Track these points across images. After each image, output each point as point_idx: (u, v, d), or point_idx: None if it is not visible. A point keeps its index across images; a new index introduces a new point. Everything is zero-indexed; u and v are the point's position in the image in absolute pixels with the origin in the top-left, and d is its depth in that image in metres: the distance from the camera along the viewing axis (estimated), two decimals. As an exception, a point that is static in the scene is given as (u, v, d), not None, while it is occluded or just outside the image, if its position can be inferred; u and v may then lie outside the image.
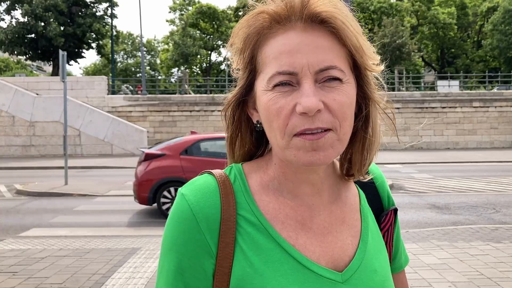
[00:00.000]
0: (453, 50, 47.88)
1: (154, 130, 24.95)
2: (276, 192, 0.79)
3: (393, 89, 29.09)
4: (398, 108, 25.23)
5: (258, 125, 0.79)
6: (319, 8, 0.70)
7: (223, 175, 0.78)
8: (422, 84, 33.67)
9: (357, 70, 0.75)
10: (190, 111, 25.35)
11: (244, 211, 0.76)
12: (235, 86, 0.80)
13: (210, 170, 0.80)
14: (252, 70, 0.76)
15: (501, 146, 25.16)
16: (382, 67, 0.78)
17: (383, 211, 0.88)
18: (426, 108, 25.43)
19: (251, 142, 0.83)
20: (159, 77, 50.05)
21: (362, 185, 0.87)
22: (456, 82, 29.53)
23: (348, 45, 0.72)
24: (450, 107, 25.41)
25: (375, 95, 0.78)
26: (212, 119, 25.33)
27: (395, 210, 0.88)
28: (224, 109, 0.81)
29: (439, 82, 29.01)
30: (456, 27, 45.29)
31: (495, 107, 25.39)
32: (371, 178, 0.88)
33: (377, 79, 0.80)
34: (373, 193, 0.88)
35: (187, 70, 42.06)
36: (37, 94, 23.31)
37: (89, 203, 9.81)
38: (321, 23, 0.71)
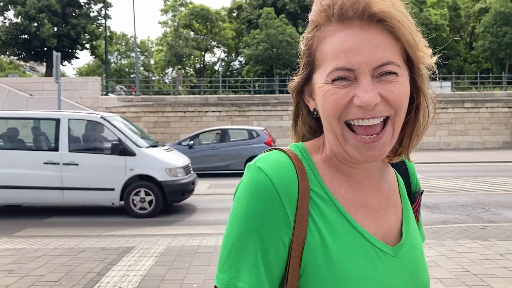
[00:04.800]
0: (445, 51, 48.22)
1: (148, 131, 24.95)
2: (334, 169, 0.84)
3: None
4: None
5: (315, 113, 0.85)
6: (377, 7, 0.74)
7: (292, 152, 0.83)
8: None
9: (410, 63, 0.80)
10: (184, 111, 25.40)
11: (314, 186, 0.81)
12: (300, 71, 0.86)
13: (279, 147, 0.85)
14: (311, 63, 0.81)
15: (493, 146, 25.42)
16: (434, 59, 0.83)
17: (410, 194, 0.95)
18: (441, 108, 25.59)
19: (312, 122, 0.89)
20: (153, 78, 50.03)
21: (396, 168, 0.94)
22: (448, 83, 29.79)
23: (403, 41, 0.76)
24: (442, 108, 25.60)
25: (426, 86, 0.82)
26: (206, 119, 25.41)
27: (421, 193, 0.96)
28: (291, 91, 0.88)
29: (431, 83, 29.21)
30: (448, 28, 45.63)
31: (487, 108, 25.65)
32: (404, 163, 0.95)
33: (428, 69, 0.84)
34: (404, 176, 0.95)
35: (181, 71, 42.06)
36: (31, 95, 23.28)
37: (83, 203, 9.85)
38: (379, 21, 0.75)
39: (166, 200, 8.21)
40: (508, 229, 6.56)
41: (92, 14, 37.13)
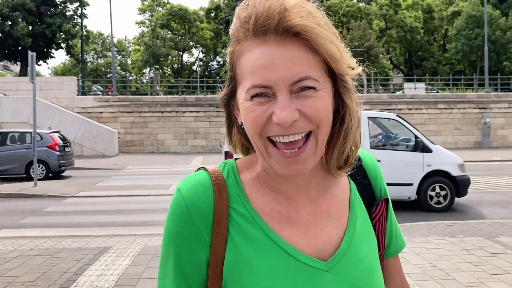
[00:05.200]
0: (420, 53, 49.17)
1: (125, 131, 24.81)
2: (264, 186, 0.83)
3: (362, 91, 29.73)
4: (366, 109, 25.84)
5: (242, 127, 0.82)
6: (291, 21, 0.72)
7: (216, 171, 0.84)
8: (392, 87, 34.57)
9: (333, 74, 0.77)
10: (162, 112, 25.31)
11: (236, 204, 0.81)
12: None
13: (205, 166, 0.86)
14: (233, 78, 0.80)
15: (464, 146, 26.10)
16: (358, 70, 0.79)
17: (375, 200, 0.90)
18: (393, 109, 26.09)
19: (241, 136, 0.87)
20: (130, 78, 49.59)
21: (353, 174, 0.89)
22: (422, 85, 30.46)
23: (322, 54, 0.74)
24: (416, 109, 26.21)
25: (351, 98, 0.79)
26: (184, 120, 25.38)
27: (386, 200, 0.91)
28: (220, 102, 0.86)
29: (406, 85, 29.90)
30: (422, 30, 46.54)
31: (459, 109, 26.33)
32: (364, 170, 0.91)
33: (356, 80, 0.81)
34: (364, 184, 0.90)
35: (158, 71, 41.81)
36: (4, 95, 22.84)
37: (59, 204, 9.80)
38: (295, 35, 0.72)
39: (457, 195, 8.48)
40: (475, 226, 6.83)
41: (68, 13, 36.66)
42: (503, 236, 6.14)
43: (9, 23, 32.67)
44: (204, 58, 49.77)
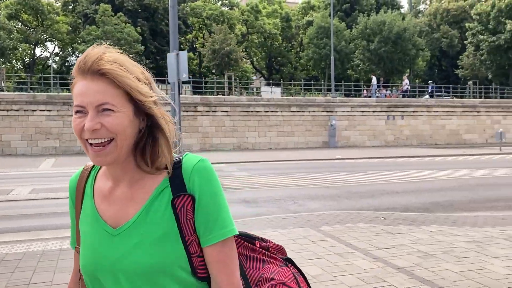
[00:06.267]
0: (279, 58, 52.24)
1: (-38, 132, 22.06)
2: (105, 175, 1.24)
3: (223, 94, 30.69)
4: (227, 111, 26.75)
5: None
6: (99, 66, 1.09)
7: (89, 165, 1.30)
8: (255, 90, 36.16)
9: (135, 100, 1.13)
10: (7, 110, 23.05)
11: (88, 187, 1.26)
12: None
13: (88, 163, 1.30)
14: None
15: (314, 146, 28.55)
16: (155, 98, 1.15)
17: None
18: (252, 111, 27.47)
19: None
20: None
21: (174, 174, 1.16)
22: (278, 89, 32.49)
23: (124, 88, 1.10)
24: (272, 111, 27.89)
25: (157, 115, 1.14)
26: (33, 119, 23.45)
27: (193, 197, 1.14)
28: None
29: (263, 89, 31.64)
30: (281, 37, 49.55)
31: (309, 111, 28.70)
32: (181, 170, 1.16)
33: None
34: (180, 181, 1.16)
35: (4, 65, 37.79)
36: None
37: None
38: (102, 75, 1.09)
39: None
40: (305, 218, 7.61)
41: None
42: (325, 226, 6.97)
43: None
44: (61, 53, 46.39)
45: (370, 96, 32.94)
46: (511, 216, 7.74)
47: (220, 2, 49.38)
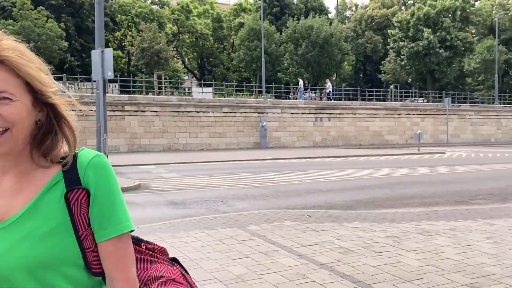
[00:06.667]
0: (211, 59, 52.13)
1: None
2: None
3: (153, 93, 30.05)
4: (156, 111, 26.22)
5: None
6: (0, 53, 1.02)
7: None
8: (186, 90, 35.74)
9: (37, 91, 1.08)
10: None
11: None
12: None
13: None
14: None
15: (246, 147, 28.77)
16: (55, 88, 1.11)
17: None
18: (183, 112, 27.14)
19: None
20: None
21: (68, 168, 1.13)
22: (210, 89, 32.39)
23: (24, 78, 1.04)
24: (203, 112, 27.74)
25: (55, 101, 1.09)
26: None
27: (87, 191, 1.12)
28: None
29: (194, 89, 31.44)
30: (212, 38, 49.44)
31: (241, 113, 28.88)
32: (76, 164, 1.13)
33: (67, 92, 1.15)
34: (74, 174, 1.13)
35: None
36: None
37: None
38: (1, 62, 1.02)
39: None
40: (233, 218, 7.63)
41: None
42: (253, 225, 7.02)
43: None
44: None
45: (296, 98, 33.83)
46: (425, 211, 8.26)
47: (150, 0, 48.33)
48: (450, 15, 47.33)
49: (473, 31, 56.07)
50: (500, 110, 41.45)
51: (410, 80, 52.51)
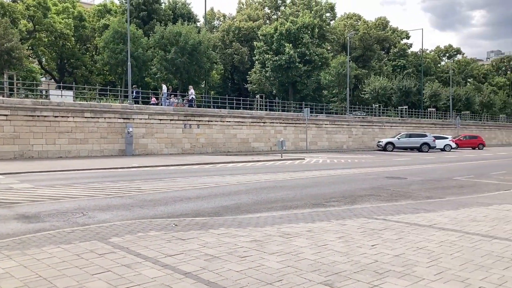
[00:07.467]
0: (72, 60, 48.79)
1: None
2: None
3: (3, 95, 27.08)
4: (6, 115, 23.65)
5: None
6: None
7: None
8: (43, 92, 32.75)
9: None
10: None
11: None
12: None
13: None
14: None
15: (110, 154, 27.41)
16: None
17: None
18: (38, 116, 24.87)
19: None
20: None
21: None
22: (70, 93, 30.22)
23: None
24: (62, 117, 25.75)
25: None
26: None
27: None
28: None
29: (52, 92, 29.08)
30: (74, 38, 46.35)
31: (105, 118, 27.46)
32: None
33: None
34: None
35: None
36: None
37: None
38: None
39: None
40: (94, 230, 7.16)
41: None
42: (115, 237, 6.68)
43: None
44: None
45: (157, 104, 33.41)
46: (286, 214, 8.72)
47: (0, -8, 43.51)
48: (309, 32, 51.12)
49: (328, 48, 61.36)
50: (351, 120, 45.96)
51: (274, 91, 55.41)
